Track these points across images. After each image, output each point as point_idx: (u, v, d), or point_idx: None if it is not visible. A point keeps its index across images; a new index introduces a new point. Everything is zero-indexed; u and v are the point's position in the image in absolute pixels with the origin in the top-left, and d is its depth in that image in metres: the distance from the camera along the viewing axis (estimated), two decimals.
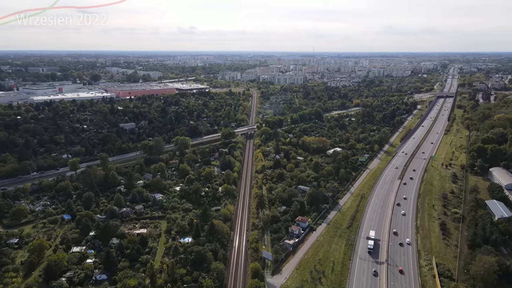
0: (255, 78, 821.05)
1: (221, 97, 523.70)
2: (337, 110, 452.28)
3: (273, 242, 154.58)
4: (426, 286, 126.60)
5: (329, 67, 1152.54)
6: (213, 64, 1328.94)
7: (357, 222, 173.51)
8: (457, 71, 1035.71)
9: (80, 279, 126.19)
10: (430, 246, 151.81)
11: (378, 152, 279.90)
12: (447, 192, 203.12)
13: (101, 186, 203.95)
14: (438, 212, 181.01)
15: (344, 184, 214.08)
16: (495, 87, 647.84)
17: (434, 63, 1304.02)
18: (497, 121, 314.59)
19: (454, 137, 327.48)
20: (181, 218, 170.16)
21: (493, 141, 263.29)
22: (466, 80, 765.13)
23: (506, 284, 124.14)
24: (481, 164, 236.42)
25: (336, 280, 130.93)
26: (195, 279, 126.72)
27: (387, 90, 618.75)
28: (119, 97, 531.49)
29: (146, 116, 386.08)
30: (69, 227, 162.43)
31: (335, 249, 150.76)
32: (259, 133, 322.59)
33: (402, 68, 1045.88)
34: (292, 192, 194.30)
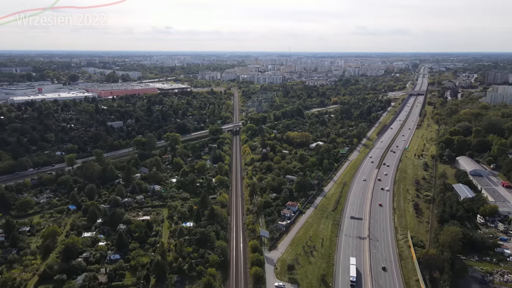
0: (235, 77, 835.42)
1: (204, 96, 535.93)
2: (316, 108, 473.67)
3: (268, 223, 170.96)
4: (403, 254, 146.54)
5: (306, 66, 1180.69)
6: (191, 64, 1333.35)
7: (341, 205, 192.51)
8: (427, 71, 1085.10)
9: (96, 259, 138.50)
10: (406, 223, 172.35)
11: (357, 145, 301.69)
12: (420, 179, 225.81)
13: (100, 179, 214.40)
14: (412, 195, 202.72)
15: (327, 174, 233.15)
16: (462, 85, 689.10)
17: (405, 63, 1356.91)
18: (463, 116, 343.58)
19: (425, 131, 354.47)
20: (180, 206, 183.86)
21: (459, 133, 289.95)
22: (436, 79, 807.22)
23: (469, 251, 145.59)
24: (449, 153, 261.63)
25: (326, 253, 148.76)
26: (201, 255, 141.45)
27: (363, 89, 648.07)
28: (101, 97, 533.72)
29: (132, 115, 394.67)
30: (77, 216, 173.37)
31: (323, 228, 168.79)
32: (245, 129, 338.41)
33: (376, 67, 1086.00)
34: (281, 181, 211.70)
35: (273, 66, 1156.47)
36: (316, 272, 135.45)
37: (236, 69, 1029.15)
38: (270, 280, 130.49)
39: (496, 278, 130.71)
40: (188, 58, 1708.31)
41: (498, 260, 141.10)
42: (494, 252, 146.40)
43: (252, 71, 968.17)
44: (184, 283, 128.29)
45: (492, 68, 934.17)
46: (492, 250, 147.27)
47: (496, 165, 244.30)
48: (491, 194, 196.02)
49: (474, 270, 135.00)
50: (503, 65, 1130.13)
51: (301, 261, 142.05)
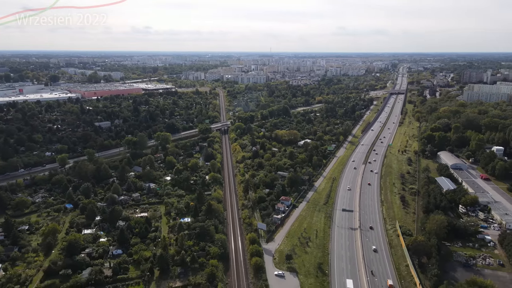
0: (219, 77, 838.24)
1: (189, 97, 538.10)
2: (301, 107, 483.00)
3: (263, 217, 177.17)
4: (392, 242, 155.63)
5: (289, 66, 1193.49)
6: (173, 65, 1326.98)
7: (332, 199, 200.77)
8: (406, 70, 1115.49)
9: (99, 254, 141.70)
10: (393, 214, 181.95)
11: (343, 142, 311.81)
12: (404, 173, 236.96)
13: (94, 178, 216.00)
14: (398, 189, 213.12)
15: (317, 170, 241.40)
16: (439, 84, 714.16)
17: (385, 63, 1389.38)
18: (443, 113, 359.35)
19: (407, 128, 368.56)
20: (177, 202, 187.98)
21: (439, 129, 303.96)
22: (415, 78, 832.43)
23: (453, 238, 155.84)
24: (431, 149, 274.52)
25: (320, 243, 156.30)
26: (202, 248, 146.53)
27: (345, 88, 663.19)
28: (84, 98, 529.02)
29: (119, 115, 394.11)
30: (75, 214, 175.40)
31: (316, 220, 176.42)
32: (233, 128, 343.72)
33: (357, 67, 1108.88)
34: (273, 177, 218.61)
35: (256, 66, 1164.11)
36: (312, 261, 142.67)
37: (219, 69, 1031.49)
38: (269, 270, 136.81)
39: (479, 262, 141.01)
40: (170, 58, 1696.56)
41: (480, 246, 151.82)
42: (476, 238, 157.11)
43: (235, 71, 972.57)
44: (187, 274, 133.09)
45: (467, 68, 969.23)
46: (474, 237, 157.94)
47: (474, 159, 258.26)
48: (471, 186, 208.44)
49: (458, 255, 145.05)
50: (477, 65, 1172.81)
51: (298, 251, 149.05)
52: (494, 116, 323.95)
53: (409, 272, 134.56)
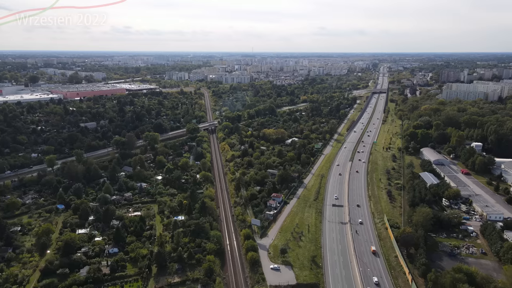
0: (203, 78, 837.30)
1: (175, 97, 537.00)
2: (287, 106, 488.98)
3: (256, 214, 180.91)
4: (381, 235, 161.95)
5: (272, 66, 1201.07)
6: (156, 65, 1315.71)
7: (321, 195, 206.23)
8: (386, 70, 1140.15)
9: (95, 253, 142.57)
10: (381, 208, 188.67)
11: (329, 140, 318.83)
12: (390, 169, 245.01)
13: (84, 179, 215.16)
14: (384, 184, 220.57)
15: (305, 167, 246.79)
16: (419, 83, 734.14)
17: (366, 62, 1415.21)
18: (424, 111, 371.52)
19: (390, 126, 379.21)
20: (170, 201, 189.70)
21: (422, 127, 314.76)
22: (395, 77, 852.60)
23: (438, 229, 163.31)
24: (414, 145, 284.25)
25: (313, 238, 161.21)
26: (198, 244, 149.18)
27: (329, 87, 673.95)
28: (67, 98, 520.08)
29: (104, 116, 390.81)
30: (68, 215, 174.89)
31: (308, 216, 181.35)
32: (221, 128, 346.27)
33: (339, 67, 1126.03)
34: (264, 175, 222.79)
35: (240, 66, 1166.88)
36: (306, 255, 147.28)
37: (203, 69, 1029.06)
38: (265, 264, 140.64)
39: (463, 251, 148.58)
40: (152, 59, 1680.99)
41: (463, 236, 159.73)
42: (459, 229, 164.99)
43: (219, 71, 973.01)
44: (185, 270, 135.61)
45: (445, 68, 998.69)
46: (457, 228, 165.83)
47: (455, 154, 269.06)
48: (453, 180, 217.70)
49: (443, 245, 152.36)
50: (454, 64, 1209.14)
51: (292, 246, 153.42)
52: (472, 114, 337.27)
53: (399, 263, 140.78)
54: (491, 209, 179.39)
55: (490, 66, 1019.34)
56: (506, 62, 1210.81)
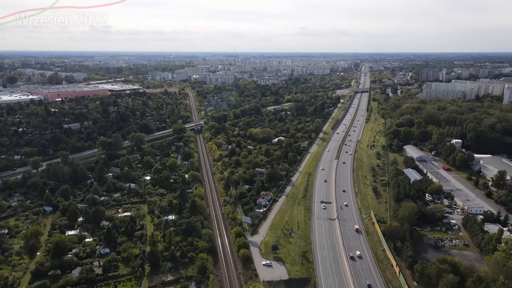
0: (186, 78, 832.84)
1: (159, 97, 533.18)
2: (272, 106, 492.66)
3: (246, 212, 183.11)
4: (368, 230, 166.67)
5: (255, 66, 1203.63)
6: (138, 65, 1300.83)
7: (309, 193, 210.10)
8: (368, 70, 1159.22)
9: (86, 254, 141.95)
10: (367, 204, 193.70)
11: (315, 139, 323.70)
12: (374, 166, 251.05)
13: (71, 180, 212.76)
14: (370, 181, 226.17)
15: (293, 165, 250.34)
16: (400, 82, 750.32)
17: (348, 62, 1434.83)
18: (405, 110, 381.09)
19: (373, 124, 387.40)
20: (159, 201, 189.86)
21: (404, 125, 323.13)
22: (377, 77, 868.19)
23: (422, 223, 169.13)
24: (397, 143, 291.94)
25: (302, 234, 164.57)
26: (190, 243, 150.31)
27: (313, 87, 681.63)
28: (47, 99, 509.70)
29: (87, 117, 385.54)
30: (56, 216, 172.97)
31: (297, 213, 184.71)
32: (207, 128, 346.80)
33: (322, 67, 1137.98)
34: (252, 173, 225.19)
35: (223, 66, 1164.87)
36: (297, 250, 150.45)
37: (186, 69, 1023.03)
38: (257, 260, 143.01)
39: (446, 243, 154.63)
40: (133, 59, 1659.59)
41: (446, 229, 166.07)
42: (442, 223, 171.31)
43: (203, 71, 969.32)
44: (178, 268, 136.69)
45: (424, 67, 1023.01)
46: (440, 222, 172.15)
47: (436, 151, 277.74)
48: (435, 176, 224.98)
49: (428, 238, 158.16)
50: (432, 64, 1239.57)
51: (282, 242, 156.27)
52: (452, 112, 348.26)
53: (386, 256, 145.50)
54: (471, 203, 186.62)
55: (467, 65, 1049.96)
56: (482, 62, 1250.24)
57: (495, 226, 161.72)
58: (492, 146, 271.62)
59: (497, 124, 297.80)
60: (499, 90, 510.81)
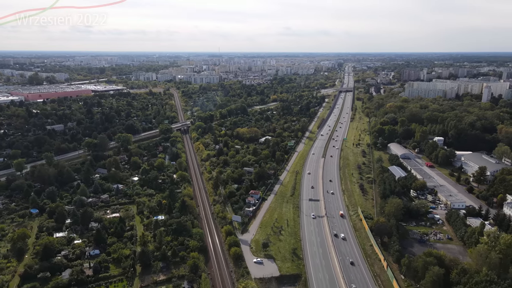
0: (171, 78, 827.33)
1: (144, 98, 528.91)
2: (258, 105, 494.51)
3: (235, 211, 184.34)
4: (356, 226, 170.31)
5: (240, 66, 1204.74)
6: (121, 65, 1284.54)
7: (297, 191, 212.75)
8: (351, 69, 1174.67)
9: (76, 255, 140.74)
10: (355, 201, 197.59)
11: (301, 138, 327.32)
12: (360, 164, 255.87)
13: (57, 182, 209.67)
14: (356, 178, 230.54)
15: (280, 164, 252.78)
16: (383, 82, 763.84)
17: (331, 62, 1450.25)
18: (389, 109, 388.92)
19: (358, 123, 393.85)
20: (148, 201, 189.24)
21: (388, 123, 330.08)
22: (360, 77, 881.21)
23: (407, 218, 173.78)
24: (382, 141, 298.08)
25: (292, 231, 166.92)
26: (181, 242, 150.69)
27: (298, 87, 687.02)
28: (28, 100, 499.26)
29: (71, 118, 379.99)
30: (43, 219, 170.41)
31: (286, 211, 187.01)
32: (194, 128, 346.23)
33: (306, 67, 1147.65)
34: (241, 173, 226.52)
35: (208, 66, 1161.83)
36: (287, 247, 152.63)
37: (171, 69, 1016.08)
38: (248, 258, 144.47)
39: (431, 237, 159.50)
40: (116, 59, 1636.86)
41: (431, 224, 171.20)
42: (427, 218, 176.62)
43: (187, 72, 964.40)
44: (169, 268, 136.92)
45: (405, 67, 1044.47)
46: (425, 217, 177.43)
47: (419, 149, 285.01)
48: (419, 173, 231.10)
49: (413, 233, 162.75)
50: (414, 64, 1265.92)
51: (272, 240, 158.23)
52: (433, 110, 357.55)
53: (374, 251, 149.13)
54: (454, 198, 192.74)
55: (446, 65, 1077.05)
56: (461, 62, 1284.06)
57: (477, 220, 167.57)
58: (472, 143, 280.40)
59: (477, 122, 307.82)
60: (478, 89, 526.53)
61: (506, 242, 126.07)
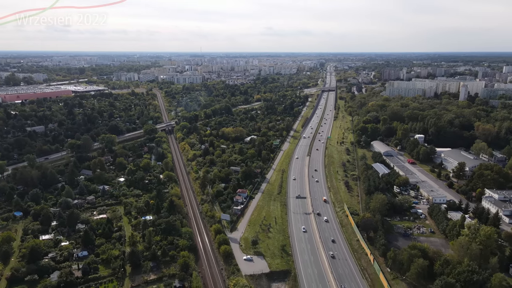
0: (153, 78, 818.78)
1: (126, 98, 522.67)
2: (242, 105, 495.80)
3: (223, 210, 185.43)
4: (343, 222, 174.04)
5: (223, 66, 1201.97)
6: (101, 65, 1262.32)
7: (284, 189, 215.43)
8: (333, 69, 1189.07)
9: (64, 257, 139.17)
10: (340, 198, 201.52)
11: (286, 137, 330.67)
12: (345, 161, 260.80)
13: (41, 184, 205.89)
14: (341, 176, 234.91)
15: (266, 163, 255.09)
16: (364, 81, 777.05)
17: (313, 62, 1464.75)
18: (371, 107, 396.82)
19: (341, 122, 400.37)
20: (136, 202, 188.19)
21: (370, 121, 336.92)
22: (342, 76, 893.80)
23: (392, 214, 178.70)
24: (365, 139, 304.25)
25: (280, 229, 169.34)
26: (170, 242, 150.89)
27: (281, 86, 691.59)
28: (6, 102, 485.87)
29: (52, 119, 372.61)
30: (28, 221, 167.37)
31: (273, 209, 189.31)
32: (179, 128, 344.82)
33: (288, 66, 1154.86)
34: (228, 172, 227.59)
35: (190, 66, 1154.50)
36: (276, 244, 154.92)
37: (153, 69, 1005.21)
38: (238, 256, 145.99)
39: (415, 231, 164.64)
40: (95, 59, 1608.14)
41: (414, 218, 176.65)
42: (410, 212, 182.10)
43: (170, 72, 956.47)
44: (160, 267, 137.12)
45: (385, 66, 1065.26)
46: (408, 211, 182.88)
47: (401, 146, 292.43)
48: (401, 169, 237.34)
49: (398, 227, 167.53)
50: (393, 63, 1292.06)
51: (261, 237, 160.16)
52: (414, 109, 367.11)
53: (360, 245, 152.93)
54: (435, 193, 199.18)
55: (425, 65, 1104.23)
56: (438, 61, 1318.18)
57: (457, 213, 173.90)
58: (451, 140, 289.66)
59: (455, 120, 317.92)
60: (455, 87, 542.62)
61: (486, 233, 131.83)
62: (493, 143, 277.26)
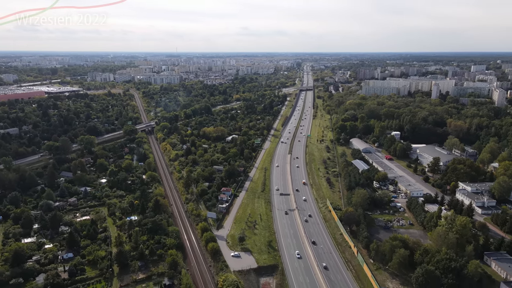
0: (130, 79, 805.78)
1: (103, 99, 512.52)
2: (221, 105, 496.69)
3: (209, 208, 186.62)
4: (326, 217, 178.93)
5: (200, 66, 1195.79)
6: (74, 66, 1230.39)
7: (267, 186, 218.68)
8: (310, 69, 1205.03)
9: (49, 260, 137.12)
10: (323, 194, 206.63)
11: (267, 136, 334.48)
12: (326, 159, 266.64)
13: (19, 187, 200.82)
14: (323, 173, 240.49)
15: (249, 162, 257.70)
16: (340, 81, 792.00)
17: (290, 61, 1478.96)
18: (349, 106, 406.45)
19: (320, 120, 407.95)
20: (119, 203, 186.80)
21: (349, 120, 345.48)
22: (319, 76, 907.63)
23: (372, 208, 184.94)
24: (344, 137, 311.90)
25: (266, 225, 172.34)
26: (158, 241, 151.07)
27: (259, 86, 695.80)
28: None
29: (25, 121, 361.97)
30: (8, 225, 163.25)
31: (258, 206, 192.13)
32: (159, 128, 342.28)
33: (266, 66, 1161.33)
34: (211, 171, 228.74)
35: (167, 66, 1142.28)
36: (262, 240, 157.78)
37: (129, 70, 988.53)
38: (225, 252, 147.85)
39: (395, 224, 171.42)
40: (67, 59, 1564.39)
41: (394, 212, 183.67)
42: (390, 206, 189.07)
43: (146, 72, 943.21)
44: (148, 266, 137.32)
45: (360, 66, 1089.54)
46: (388, 205, 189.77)
47: (379, 143, 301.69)
48: (380, 165, 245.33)
49: (379, 220, 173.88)
50: (368, 63, 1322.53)
51: (248, 234, 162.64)
52: (390, 107, 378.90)
53: (344, 239, 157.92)
54: (413, 187, 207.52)
55: (398, 64, 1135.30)
56: (411, 61, 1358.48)
57: (434, 206, 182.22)
58: (425, 136, 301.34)
59: (429, 117, 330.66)
60: (428, 86, 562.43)
61: (461, 223, 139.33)
62: (464, 139, 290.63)
